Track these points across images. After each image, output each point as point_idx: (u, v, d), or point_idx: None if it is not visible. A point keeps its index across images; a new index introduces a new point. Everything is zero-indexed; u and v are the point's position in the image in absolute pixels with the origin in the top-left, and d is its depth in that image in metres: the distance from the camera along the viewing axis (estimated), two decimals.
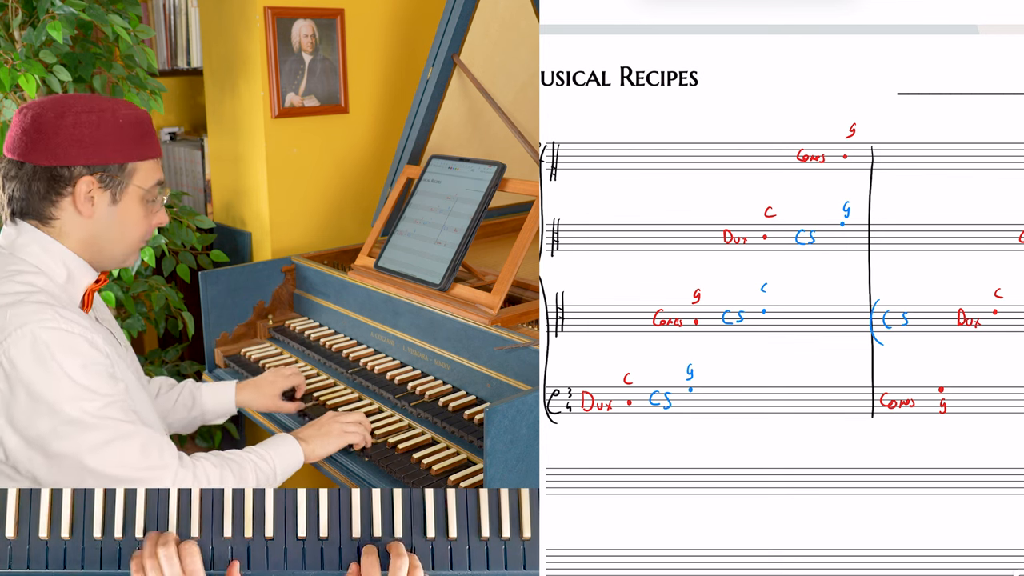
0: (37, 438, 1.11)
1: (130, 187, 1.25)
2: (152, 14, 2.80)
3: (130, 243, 1.29)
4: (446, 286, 1.67)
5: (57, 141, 1.20)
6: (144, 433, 1.17)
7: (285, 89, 2.27)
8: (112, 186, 1.23)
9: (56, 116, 1.21)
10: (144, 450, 1.15)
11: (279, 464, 1.32)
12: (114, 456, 1.13)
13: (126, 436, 1.14)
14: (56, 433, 1.11)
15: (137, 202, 1.27)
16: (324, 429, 1.42)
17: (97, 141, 1.21)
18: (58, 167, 1.20)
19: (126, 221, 1.27)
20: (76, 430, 1.11)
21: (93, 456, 1.12)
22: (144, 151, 1.26)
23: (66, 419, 1.10)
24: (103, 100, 1.25)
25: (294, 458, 1.35)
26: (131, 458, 1.14)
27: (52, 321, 1.12)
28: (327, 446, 1.40)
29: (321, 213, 2.43)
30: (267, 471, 1.29)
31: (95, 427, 1.12)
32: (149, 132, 1.28)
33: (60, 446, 1.11)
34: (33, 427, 1.11)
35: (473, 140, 2.20)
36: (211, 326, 1.96)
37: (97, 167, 1.22)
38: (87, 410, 1.11)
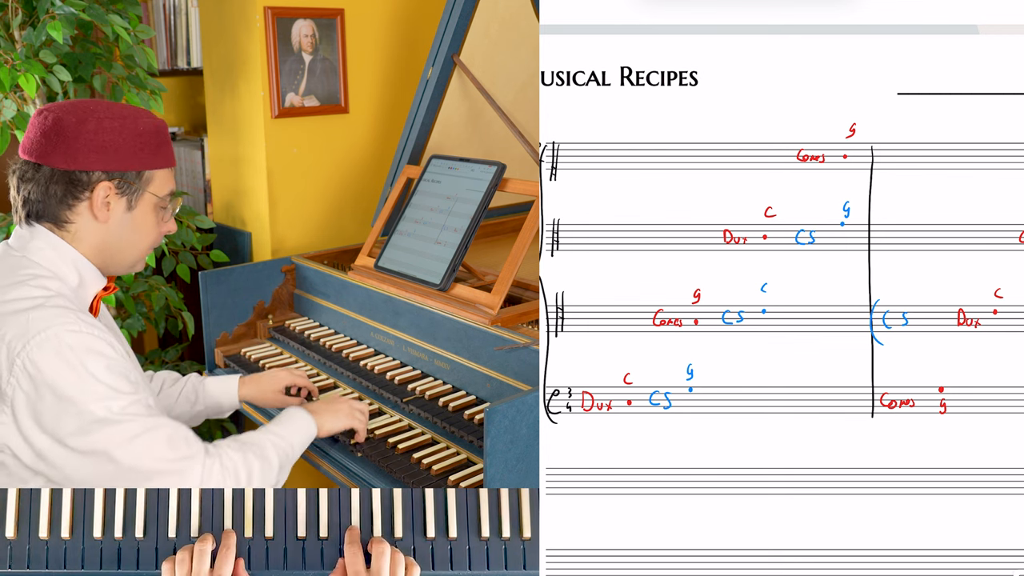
0: (66, 437, 1.12)
1: (146, 195, 1.27)
2: (152, 14, 2.80)
3: (140, 250, 1.31)
4: (446, 286, 1.67)
5: (78, 146, 1.21)
6: (169, 425, 1.18)
7: (285, 89, 2.27)
8: (129, 193, 1.25)
9: (78, 121, 1.21)
10: (171, 442, 1.17)
11: (296, 439, 1.33)
12: (143, 449, 1.14)
13: (152, 428, 1.15)
14: (84, 431, 1.12)
15: (151, 210, 1.28)
16: (334, 406, 1.44)
17: (117, 148, 1.22)
18: (77, 171, 1.21)
19: (139, 228, 1.28)
20: (104, 427, 1.12)
21: (122, 450, 1.13)
22: (161, 160, 1.28)
23: (93, 418, 1.12)
24: (124, 108, 1.27)
25: (308, 431, 1.37)
26: (160, 450, 1.15)
27: (74, 324, 1.14)
28: (336, 422, 1.42)
29: (321, 213, 2.43)
30: (285, 448, 1.30)
31: (122, 422, 1.13)
32: (166, 141, 1.30)
33: (89, 442, 1.12)
34: (61, 427, 1.12)
35: (473, 140, 2.20)
36: (211, 326, 1.96)
37: (116, 173, 1.23)
38: (113, 408, 1.13)
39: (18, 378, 1.11)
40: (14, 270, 1.20)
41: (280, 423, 1.34)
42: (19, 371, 1.11)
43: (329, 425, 1.41)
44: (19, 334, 1.11)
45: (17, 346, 1.11)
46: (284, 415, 1.37)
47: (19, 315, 1.13)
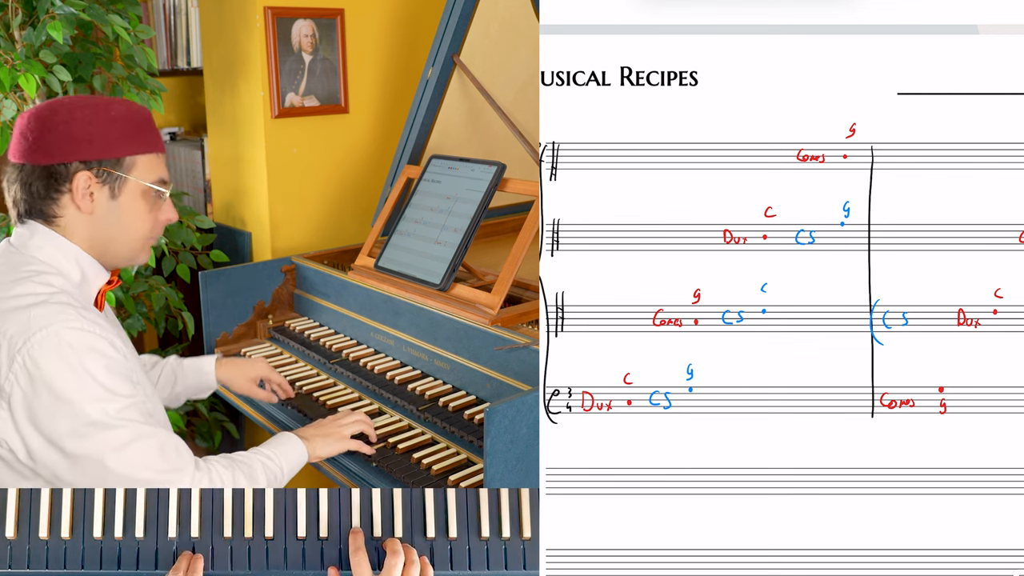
0: (59, 438, 1.12)
1: (129, 182, 1.25)
2: (152, 14, 2.80)
3: (135, 239, 1.29)
4: (446, 286, 1.67)
5: (51, 139, 1.20)
6: (161, 435, 1.18)
7: (285, 89, 2.27)
8: (110, 181, 1.23)
9: (50, 114, 1.21)
10: (163, 452, 1.16)
11: (285, 463, 1.33)
12: (134, 457, 1.14)
13: (145, 437, 1.15)
14: (77, 433, 1.11)
15: (138, 197, 1.26)
16: (324, 430, 1.43)
17: (91, 136, 1.22)
18: (55, 164, 1.21)
19: (128, 217, 1.26)
20: (97, 430, 1.12)
21: (114, 457, 1.13)
22: (141, 145, 1.26)
23: (87, 420, 1.11)
24: (98, 98, 1.27)
25: (298, 456, 1.36)
26: (151, 460, 1.15)
27: (76, 322, 1.13)
28: (327, 447, 1.41)
29: (321, 213, 2.43)
30: (275, 470, 1.30)
31: (115, 427, 1.13)
32: (145, 127, 1.27)
33: (81, 446, 1.12)
34: (54, 427, 1.11)
35: (473, 140, 2.20)
36: (211, 326, 1.96)
37: (93, 162, 1.22)
38: (108, 411, 1.12)
39: (17, 375, 1.11)
40: (17, 267, 1.20)
41: (271, 446, 1.34)
42: (19, 368, 1.11)
43: (320, 451, 1.40)
44: (20, 331, 1.11)
45: (18, 342, 1.11)
46: (276, 439, 1.38)
47: (21, 311, 1.13)
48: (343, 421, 1.45)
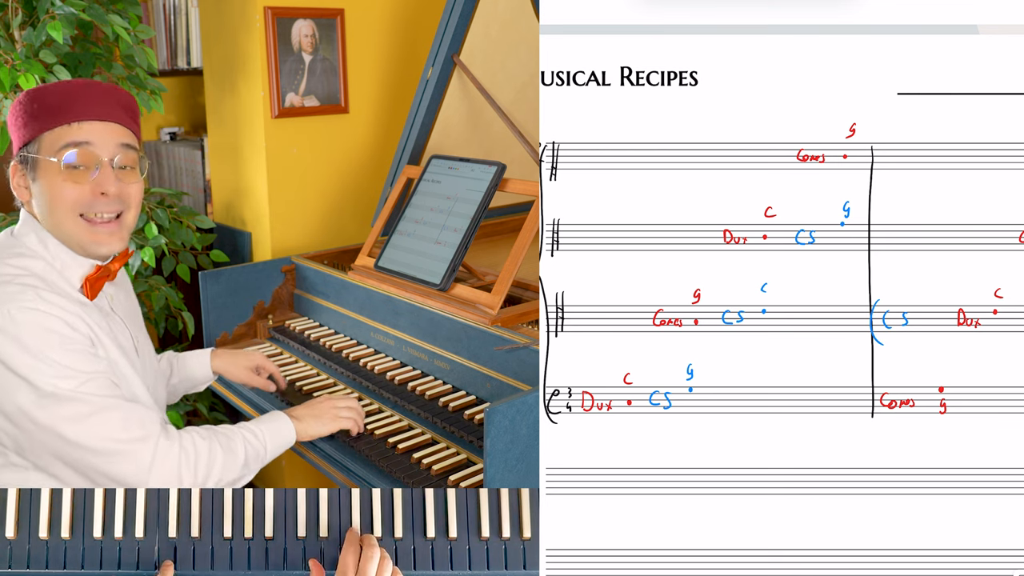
0: (16, 412, 1.14)
1: (40, 160, 1.23)
2: (152, 14, 2.80)
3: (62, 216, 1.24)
4: (446, 286, 1.67)
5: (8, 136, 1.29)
6: (125, 407, 1.19)
7: (285, 89, 2.27)
8: (28, 164, 1.26)
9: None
10: (125, 423, 1.17)
11: (270, 441, 1.32)
12: (93, 428, 1.15)
13: (107, 409, 1.16)
14: (35, 405, 1.14)
15: (54, 173, 1.22)
16: (317, 410, 1.43)
17: (13, 127, 1.27)
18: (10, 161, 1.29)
19: (48, 194, 1.24)
20: (52, 403, 1.14)
21: (71, 428, 1.14)
22: (43, 123, 1.23)
23: (42, 394, 1.13)
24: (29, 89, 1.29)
25: (286, 435, 1.36)
26: (111, 430, 1.16)
27: (31, 302, 1.15)
28: (319, 427, 1.41)
29: (321, 213, 2.43)
30: (257, 447, 1.30)
31: (72, 400, 1.14)
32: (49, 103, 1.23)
33: (38, 417, 1.14)
34: (12, 402, 1.14)
35: (473, 140, 2.20)
36: (211, 326, 1.96)
37: (20, 152, 1.26)
38: (62, 387, 1.14)
39: None
40: (4, 249, 1.25)
41: (258, 422, 1.34)
42: None
43: (312, 430, 1.40)
44: None
45: None
46: (265, 417, 1.38)
47: None
48: (339, 404, 1.46)
